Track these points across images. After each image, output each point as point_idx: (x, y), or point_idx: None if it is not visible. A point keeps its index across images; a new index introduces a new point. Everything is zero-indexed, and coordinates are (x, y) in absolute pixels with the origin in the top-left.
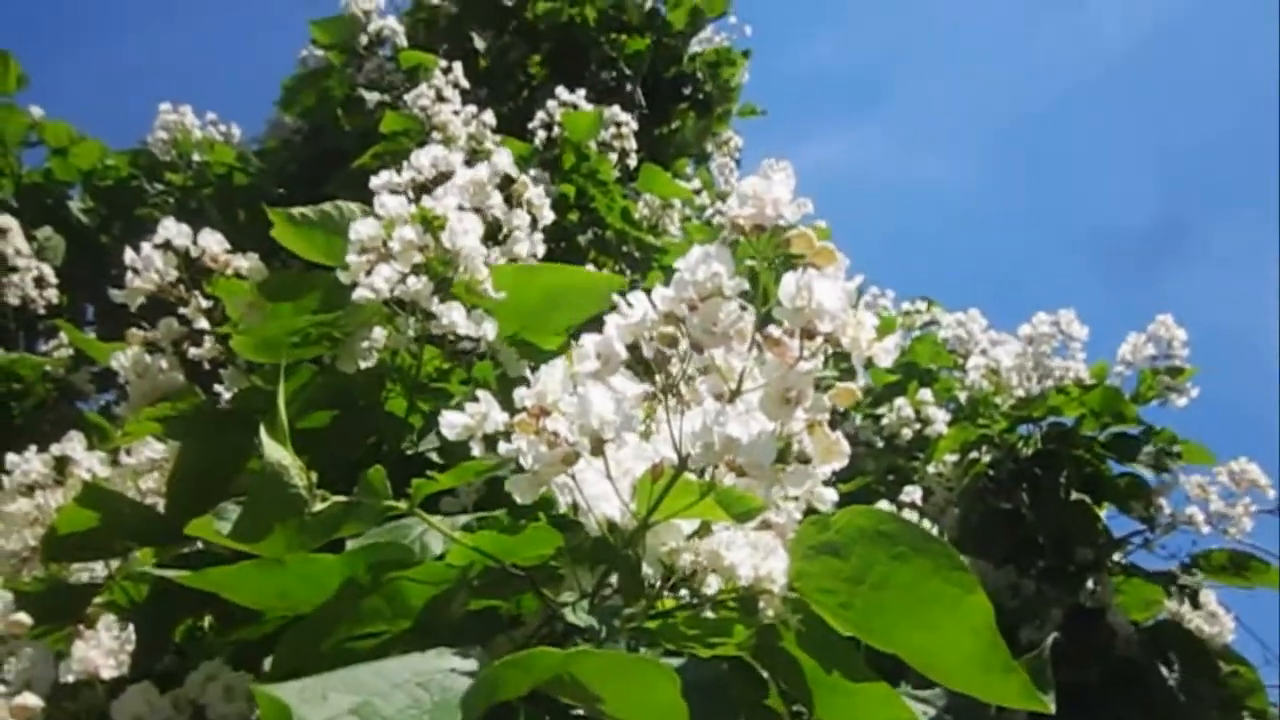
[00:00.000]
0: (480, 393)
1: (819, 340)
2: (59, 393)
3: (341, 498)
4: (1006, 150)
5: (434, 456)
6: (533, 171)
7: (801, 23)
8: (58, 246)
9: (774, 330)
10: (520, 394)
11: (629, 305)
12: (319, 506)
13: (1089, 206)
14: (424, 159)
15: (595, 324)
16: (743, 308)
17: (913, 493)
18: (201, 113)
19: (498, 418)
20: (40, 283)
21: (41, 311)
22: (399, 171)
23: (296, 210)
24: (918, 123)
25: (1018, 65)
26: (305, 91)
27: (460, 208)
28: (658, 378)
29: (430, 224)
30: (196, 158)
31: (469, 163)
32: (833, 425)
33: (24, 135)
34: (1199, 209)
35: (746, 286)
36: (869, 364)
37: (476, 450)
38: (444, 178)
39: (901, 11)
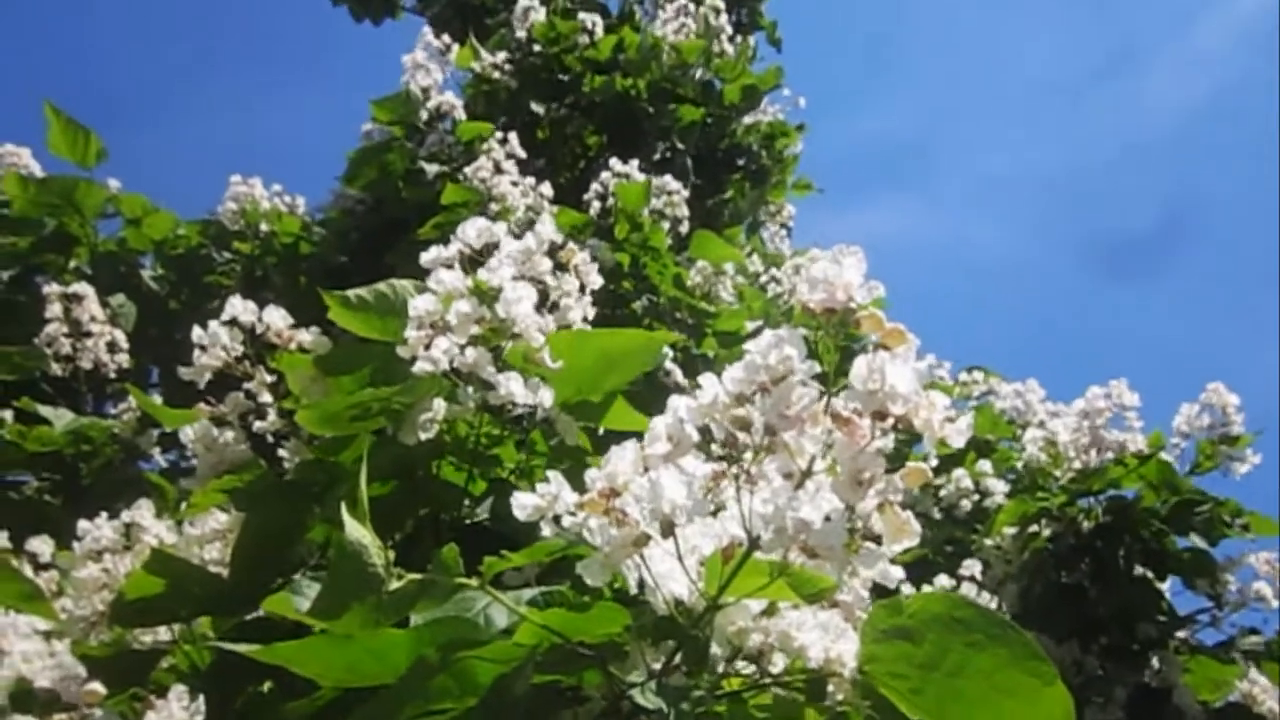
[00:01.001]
0: (551, 474)
1: (890, 421)
2: (124, 454)
3: (416, 575)
4: (1057, 215)
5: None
6: (589, 241)
7: (850, 92)
8: (129, 313)
9: (845, 410)
10: (591, 475)
11: (701, 387)
12: (395, 585)
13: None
14: (471, 231)
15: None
16: (821, 392)
17: (972, 566)
18: (269, 184)
19: (569, 499)
20: (112, 348)
21: (111, 375)
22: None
23: (351, 292)
24: (967, 189)
25: (1067, 131)
26: (368, 165)
27: (513, 277)
28: (728, 458)
29: (485, 296)
30: (264, 227)
31: (518, 234)
32: (903, 504)
33: (101, 207)
34: None
35: (818, 369)
36: (941, 445)
37: (546, 530)
38: (491, 249)
39: (950, 79)
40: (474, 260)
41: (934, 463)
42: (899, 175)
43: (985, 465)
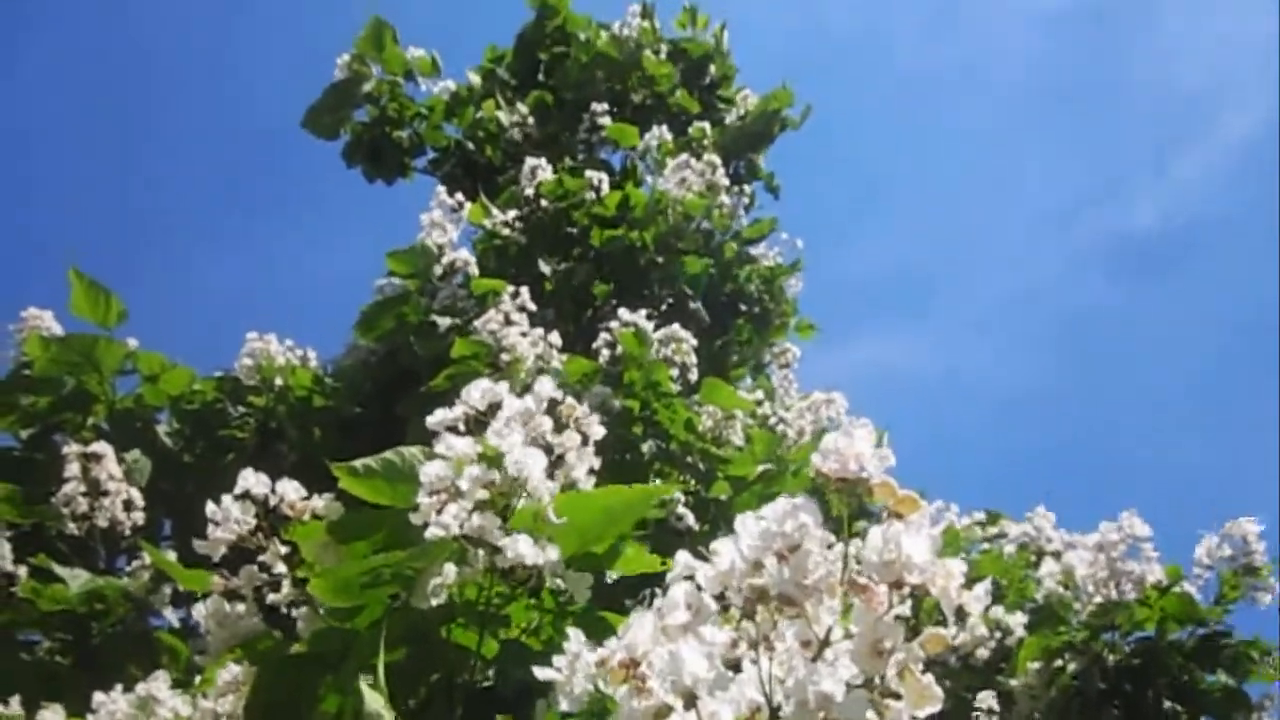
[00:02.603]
0: (571, 632)
1: (907, 590)
2: (136, 610)
3: None
4: (1057, 343)
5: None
6: (595, 388)
7: (846, 225)
8: (144, 469)
9: (862, 578)
10: (610, 647)
11: (715, 555)
12: None
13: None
14: (475, 393)
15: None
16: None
17: (987, 698)
18: (282, 338)
19: (589, 659)
20: (128, 506)
21: (126, 532)
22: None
23: (360, 462)
24: (965, 319)
25: (1060, 257)
26: (382, 318)
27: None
28: (746, 626)
29: (494, 461)
30: (278, 381)
31: (528, 382)
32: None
33: (120, 365)
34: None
35: (834, 538)
36: (960, 613)
37: (564, 701)
38: (495, 408)
39: (942, 211)
40: (479, 421)
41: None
42: (898, 306)
43: (999, 610)
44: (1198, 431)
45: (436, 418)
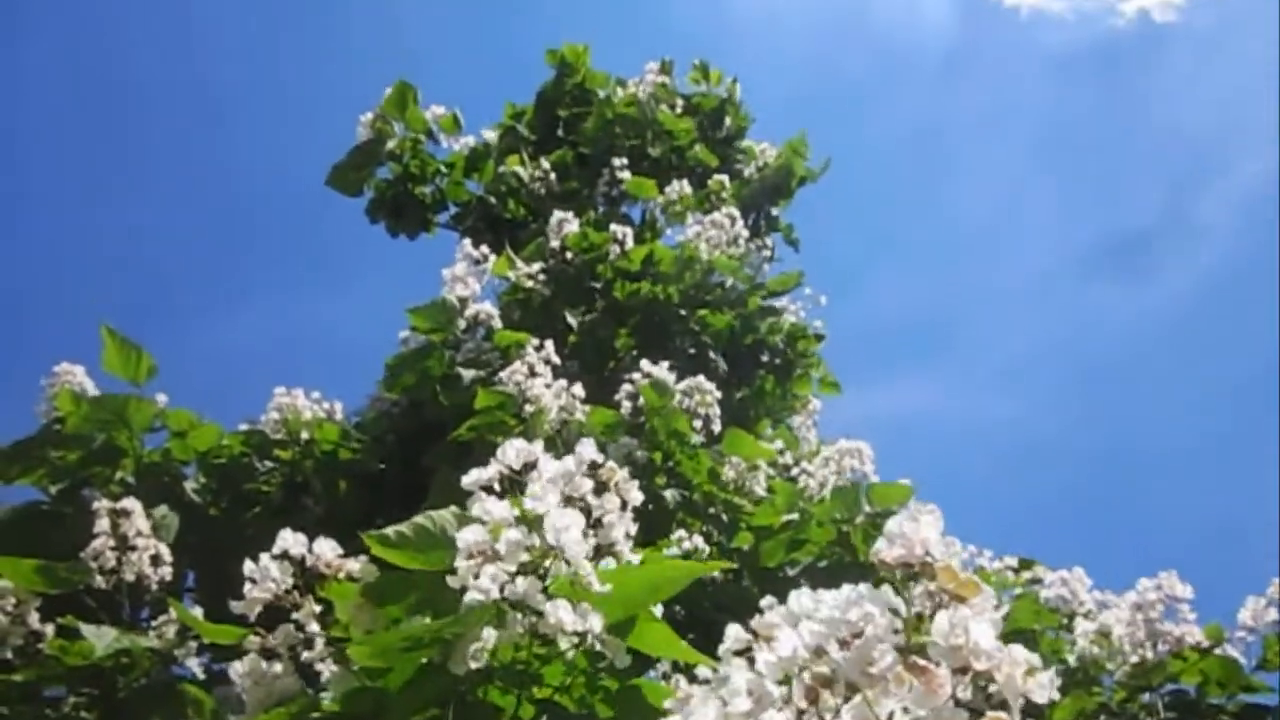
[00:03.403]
0: None
1: (970, 675)
2: (161, 663)
3: None
4: (1077, 390)
5: None
6: (621, 439)
7: (862, 273)
8: (171, 524)
9: (922, 660)
10: None
11: (768, 629)
12: None
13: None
14: (510, 453)
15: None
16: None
17: None
18: (309, 391)
19: None
20: (156, 561)
21: (153, 587)
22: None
23: (391, 530)
24: (988, 367)
25: (1081, 308)
26: (406, 371)
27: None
28: (808, 712)
29: (531, 524)
30: (305, 435)
31: (552, 434)
32: None
33: (149, 422)
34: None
35: (898, 625)
36: (1025, 702)
37: None
38: (530, 468)
39: (962, 259)
40: (513, 480)
41: None
42: (916, 353)
43: (1035, 658)
44: (1219, 483)
45: (471, 477)
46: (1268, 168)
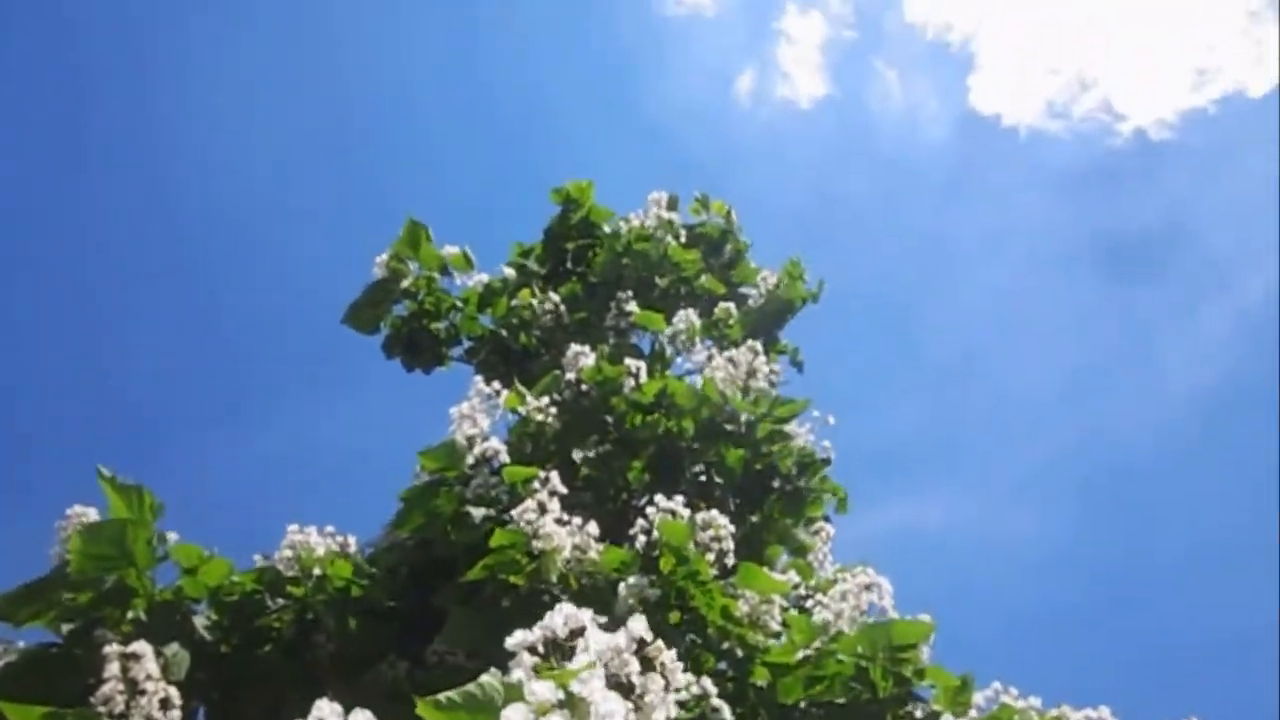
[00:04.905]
0: None
1: None
2: None
3: None
4: (1093, 501)
5: None
6: (633, 578)
7: (871, 390)
8: (182, 662)
9: None
10: None
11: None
12: None
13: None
14: (557, 618)
15: None
16: None
17: None
18: (322, 526)
19: None
20: (165, 704)
21: None
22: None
23: (443, 695)
24: (998, 480)
25: (1093, 418)
26: (415, 512)
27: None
28: None
29: (576, 707)
30: (317, 571)
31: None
32: None
33: (152, 549)
34: None
35: None
36: None
37: None
38: (576, 634)
39: (970, 376)
40: (558, 646)
41: None
42: (927, 470)
43: None
44: (1239, 591)
45: (516, 638)
46: (1268, 280)
